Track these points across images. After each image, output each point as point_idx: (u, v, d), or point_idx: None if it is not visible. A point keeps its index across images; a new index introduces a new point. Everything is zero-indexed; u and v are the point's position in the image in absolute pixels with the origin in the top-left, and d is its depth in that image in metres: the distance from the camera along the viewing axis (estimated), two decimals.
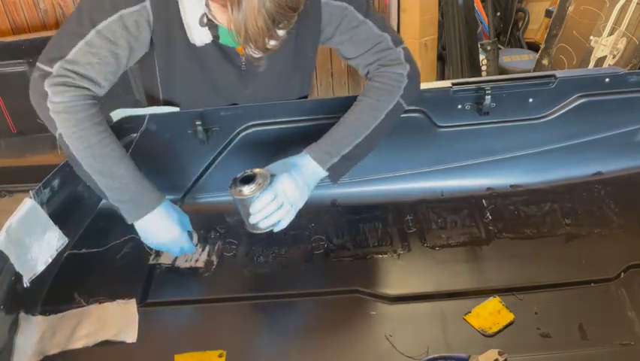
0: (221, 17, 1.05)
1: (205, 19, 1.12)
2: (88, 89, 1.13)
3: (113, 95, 1.24)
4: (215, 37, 1.15)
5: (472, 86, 1.38)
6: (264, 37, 0.96)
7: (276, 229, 1.17)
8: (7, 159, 3.06)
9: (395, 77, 1.25)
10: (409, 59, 1.27)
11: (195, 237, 1.31)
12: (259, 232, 1.16)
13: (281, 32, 0.99)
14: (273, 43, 1.00)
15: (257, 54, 1.03)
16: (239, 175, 1.13)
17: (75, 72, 1.10)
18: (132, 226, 1.20)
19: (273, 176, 1.13)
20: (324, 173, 1.21)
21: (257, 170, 1.13)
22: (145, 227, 1.20)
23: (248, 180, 1.12)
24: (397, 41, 1.27)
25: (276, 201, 1.12)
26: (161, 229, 1.20)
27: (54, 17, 3.18)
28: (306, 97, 1.46)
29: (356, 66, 1.33)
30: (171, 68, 1.26)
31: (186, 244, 1.25)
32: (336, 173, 1.23)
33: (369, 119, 1.23)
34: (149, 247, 1.27)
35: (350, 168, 1.26)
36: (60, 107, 1.10)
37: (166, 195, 1.21)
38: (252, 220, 1.13)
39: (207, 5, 1.08)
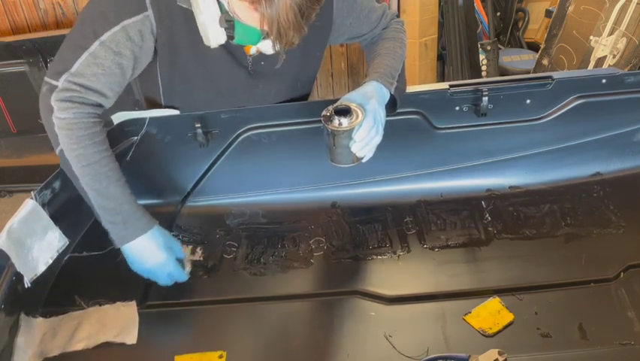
0: (248, 16, 1.04)
1: (224, 20, 1.10)
2: (93, 105, 1.13)
3: None
4: (230, 38, 1.13)
5: (470, 88, 1.39)
6: (293, 31, 1.00)
7: (367, 158, 1.15)
8: (7, 159, 3.05)
9: (399, 28, 1.40)
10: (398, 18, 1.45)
11: (188, 266, 1.27)
12: (351, 165, 1.14)
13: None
14: (297, 37, 1.03)
15: (275, 50, 1.06)
16: (328, 112, 1.11)
17: (81, 85, 1.11)
18: None
19: (361, 105, 1.13)
20: (388, 96, 1.23)
21: (345, 102, 1.12)
22: (133, 251, 1.17)
23: (341, 113, 1.10)
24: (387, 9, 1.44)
25: (375, 127, 1.12)
26: (148, 253, 1.18)
27: (54, 17, 3.18)
28: (307, 95, 1.47)
29: (363, 41, 1.43)
30: (175, 74, 1.27)
31: (174, 270, 1.20)
32: (398, 95, 1.27)
33: (401, 52, 1.34)
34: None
35: (402, 95, 1.30)
36: (64, 123, 1.10)
37: (157, 221, 1.19)
38: (355, 149, 1.11)
39: (229, 5, 1.07)
